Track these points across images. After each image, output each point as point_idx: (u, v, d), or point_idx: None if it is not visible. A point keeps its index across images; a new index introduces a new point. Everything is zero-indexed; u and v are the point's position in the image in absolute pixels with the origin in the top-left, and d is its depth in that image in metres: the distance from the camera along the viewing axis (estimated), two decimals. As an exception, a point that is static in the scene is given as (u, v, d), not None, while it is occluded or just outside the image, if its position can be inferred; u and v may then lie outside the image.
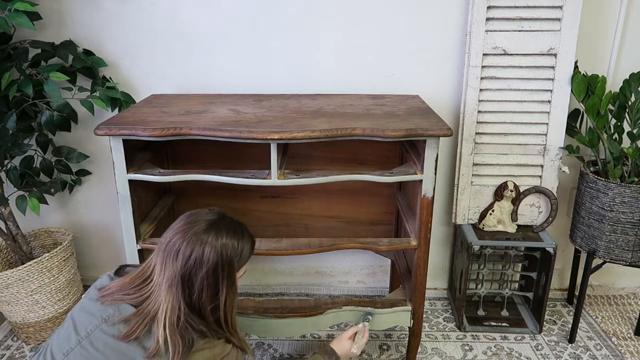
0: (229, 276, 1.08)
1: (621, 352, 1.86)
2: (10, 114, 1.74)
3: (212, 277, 1.05)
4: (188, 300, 1.04)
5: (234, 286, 1.10)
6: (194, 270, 1.04)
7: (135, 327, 1.02)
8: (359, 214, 2.00)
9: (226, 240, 1.08)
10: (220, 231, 1.08)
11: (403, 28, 1.90)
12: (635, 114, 1.72)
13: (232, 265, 1.08)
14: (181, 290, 1.03)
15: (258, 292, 2.26)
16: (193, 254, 1.04)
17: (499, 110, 1.87)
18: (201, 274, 1.04)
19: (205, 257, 1.04)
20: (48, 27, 1.91)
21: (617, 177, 1.75)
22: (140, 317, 1.03)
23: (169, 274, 1.04)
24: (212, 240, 1.06)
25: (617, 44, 1.90)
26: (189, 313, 1.04)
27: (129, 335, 1.01)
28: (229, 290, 1.08)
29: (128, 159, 1.46)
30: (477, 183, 1.95)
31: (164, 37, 1.92)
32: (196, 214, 1.13)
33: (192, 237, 1.05)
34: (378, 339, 1.94)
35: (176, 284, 1.03)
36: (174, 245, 1.06)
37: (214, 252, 1.05)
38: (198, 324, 1.05)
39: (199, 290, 1.04)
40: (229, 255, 1.07)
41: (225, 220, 1.12)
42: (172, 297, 1.03)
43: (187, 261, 1.04)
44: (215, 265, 1.05)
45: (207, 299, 1.05)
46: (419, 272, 1.58)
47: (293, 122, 1.46)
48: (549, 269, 1.86)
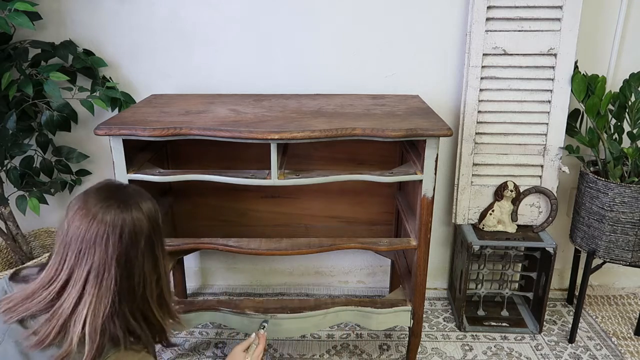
0: (161, 237, 1.00)
1: (621, 352, 1.86)
2: (10, 114, 1.74)
3: (150, 244, 0.96)
4: (129, 282, 0.93)
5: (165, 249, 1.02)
6: (130, 246, 0.92)
7: (48, 332, 0.90)
8: (359, 214, 2.00)
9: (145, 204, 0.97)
10: (133, 196, 0.97)
11: (403, 28, 1.90)
12: (635, 114, 1.72)
13: (160, 227, 0.99)
14: (114, 276, 0.91)
15: (258, 292, 2.26)
16: (126, 229, 0.92)
17: (499, 110, 1.87)
18: (140, 246, 0.94)
19: (138, 227, 0.93)
20: (48, 27, 1.91)
21: (617, 177, 1.75)
22: (53, 321, 0.91)
23: (96, 263, 0.91)
24: (134, 207, 0.94)
25: (617, 44, 1.90)
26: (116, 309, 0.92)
27: (42, 342, 0.89)
28: (164, 253, 1.00)
29: (128, 159, 1.46)
30: (477, 183, 1.95)
31: (164, 36, 1.92)
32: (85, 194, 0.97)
33: (114, 213, 0.92)
34: (378, 339, 1.94)
35: (107, 271, 0.91)
36: (94, 231, 0.91)
37: (145, 217, 0.95)
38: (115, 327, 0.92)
39: (141, 264, 0.94)
40: (155, 217, 0.98)
41: (124, 186, 1.01)
42: (98, 290, 0.91)
43: (120, 240, 0.91)
44: (149, 231, 0.95)
45: (151, 270, 0.96)
46: (419, 272, 1.58)
47: (293, 122, 1.46)
48: (549, 269, 1.86)
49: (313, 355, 1.85)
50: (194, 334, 1.96)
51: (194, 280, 2.29)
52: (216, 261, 2.27)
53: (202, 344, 1.91)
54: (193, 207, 1.98)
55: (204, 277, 2.30)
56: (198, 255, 2.26)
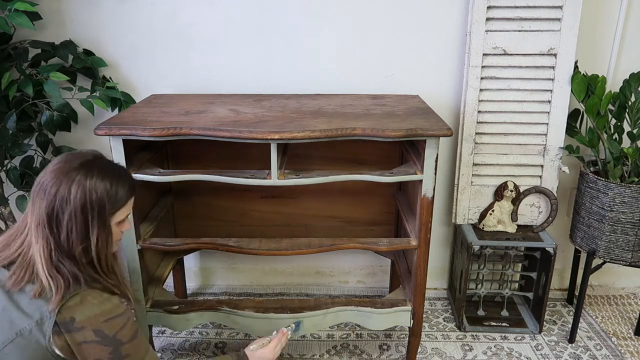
0: (100, 217, 1.05)
1: (621, 352, 1.86)
2: (10, 114, 1.74)
3: (80, 216, 1.02)
4: (57, 239, 1.03)
5: (108, 228, 1.07)
6: (59, 208, 1.01)
7: (21, 274, 1.02)
8: (359, 214, 2.00)
9: (96, 180, 1.04)
10: (91, 170, 1.05)
11: (403, 28, 1.90)
12: (635, 114, 1.72)
13: (102, 205, 1.05)
14: (48, 229, 1.02)
15: (258, 292, 2.26)
16: (59, 192, 1.01)
17: (499, 110, 1.87)
18: (67, 213, 1.01)
19: (72, 196, 1.01)
20: (48, 27, 1.91)
21: (617, 177, 1.75)
22: (23, 263, 1.03)
23: (37, 213, 1.02)
24: (80, 178, 1.03)
25: (617, 44, 1.90)
26: (59, 253, 1.03)
27: (19, 283, 1.01)
28: (100, 232, 1.05)
29: (128, 159, 1.46)
30: (477, 183, 1.95)
31: (164, 37, 1.92)
32: (71, 154, 1.09)
33: (60, 176, 1.03)
34: (378, 339, 1.94)
35: (43, 223, 1.02)
36: (42, 185, 1.03)
37: (81, 191, 1.02)
38: (70, 266, 1.03)
39: (67, 230, 1.02)
40: (98, 195, 1.04)
41: (100, 161, 1.09)
42: (41, 237, 1.02)
43: (52, 199, 1.01)
44: (83, 205, 1.02)
45: (77, 239, 1.03)
46: (419, 272, 1.58)
47: (293, 122, 1.46)
48: (549, 269, 1.86)
49: (313, 355, 1.85)
50: (194, 334, 1.96)
51: (194, 280, 2.29)
52: (216, 261, 2.27)
53: (202, 344, 1.91)
54: (193, 207, 1.98)
55: (204, 277, 2.30)
56: (198, 255, 2.26)
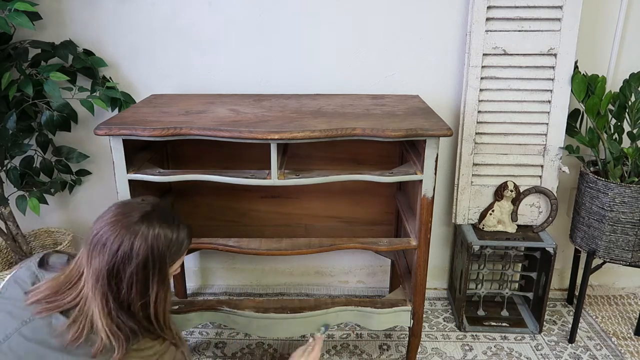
0: (161, 271, 1.02)
1: (621, 352, 1.86)
2: (10, 114, 1.74)
3: (142, 272, 0.99)
4: (116, 295, 0.99)
5: (166, 282, 1.05)
6: (121, 265, 0.97)
7: (80, 329, 0.97)
8: (359, 214, 2.00)
9: (158, 232, 1.01)
10: (152, 223, 1.01)
11: (403, 28, 1.90)
12: (635, 114, 1.72)
13: (163, 259, 1.02)
14: (107, 285, 0.98)
15: (258, 292, 2.26)
16: (121, 248, 0.97)
17: (499, 110, 1.87)
18: (130, 270, 0.98)
19: (135, 252, 0.98)
20: (48, 27, 1.91)
21: (617, 177, 1.75)
22: (81, 318, 0.98)
23: (95, 267, 0.98)
24: (143, 233, 0.99)
25: (617, 44, 1.90)
26: (118, 309, 0.99)
27: (77, 339, 0.96)
28: (160, 287, 1.03)
29: (128, 159, 1.46)
30: (477, 183, 1.95)
31: (164, 37, 1.92)
32: (127, 204, 1.05)
33: (121, 230, 0.98)
34: (378, 339, 1.94)
35: (102, 278, 0.98)
36: (101, 238, 0.99)
37: (144, 246, 0.99)
38: (128, 321, 0.99)
39: (127, 286, 0.99)
40: (160, 249, 1.01)
41: (158, 211, 1.05)
42: (100, 292, 0.98)
43: (114, 255, 0.97)
44: (145, 260, 0.99)
45: (137, 295, 1.00)
46: (419, 272, 1.58)
47: (293, 122, 1.46)
48: (549, 269, 1.86)
49: (313, 355, 1.85)
50: (194, 334, 1.96)
51: (194, 280, 2.29)
52: (216, 261, 2.27)
53: (202, 344, 1.91)
54: (193, 207, 1.98)
55: (204, 277, 2.30)
56: (198, 255, 2.26)
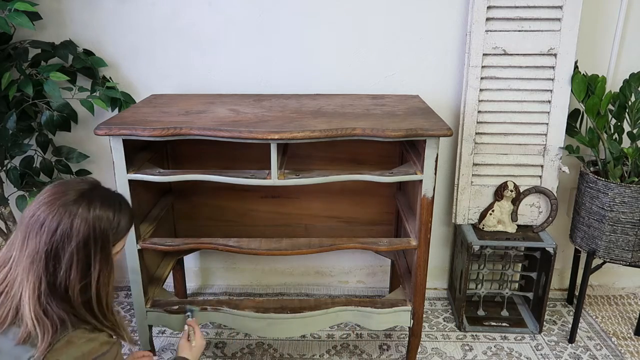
0: (103, 250, 0.99)
1: (621, 352, 1.86)
2: (10, 114, 1.74)
3: (83, 251, 0.97)
4: (51, 279, 0.96)
5: (109, 261, 1.02)
6: (61, 244, 0.95)
7: (4, 314, 0.94)
8: (359, 214, 2.00)
9: (99, 212, 0.99)
10: (92, 201, 0.99)
11: (403, 28, 1.90)
12: (635, 114, 1.72)
13: (106, 238, 1.00)
14: (44, 267, 0.95)
15: (258, 292, 2.26)
16: (60, 226, 0.95)
17: (499, 110, 1.87)
18: (70, 248, 0.95)
19: (75, 229, 0.95)
20: (48, 27, 1.91)
21: (617, 177, 1.75)
22: (6, 302, 0.95)
23: (30, 249, 0.95)
24: (83, 211, 0.97)
25: (617, 44, 1.90)
26: (49, 294, 0.95)
27: (1, 324, 0.94)
28: (103, 266, 1.00)
29: (128, 159, 1.46)
30: (477, 183, 1.95)
31: (164, 37, 1.92)
32: (65, 184, 1.02)
33: (60, 209, 0.96)
34: (378, 339, 1.94)
35: (39, 260, 0.94)
36: (37, 218, 0.95)
37: (85, 224, 0.96)
38: (57, 309, 0.96)
39: (67, 266, 0.96)
40: (102, 227, 0.99)
41: (98, 190, 1.04)
42: (33, 275, 0.95)
43: (53, 234, 0.94)
44: (86, 238, 0.96)
45: (78, 275, 0.97)
46: (419, 272, 1.58)
47: (293, 122, 1.46)
48: (549, 269, 1.86)
49: (313, 355, 1.85)
50: (194, 334, 1.96)
51: (194, 280, 2.29)
52: (216, 261, 2.27)
53: (202, 344, 1.91)
54: (193, 207, 1.98)
55: (204, 277, 2.30)
56: (198, 255, 2.26)
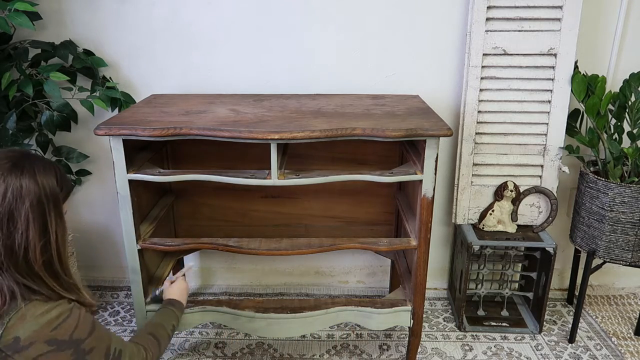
0: (56, 207, 1.02)
1: (621, 352, 1.86)
2: (10, 114, 1.74)
3: (38, 208, 0.98)
4: (7, 242, 0.97)
5: (63, 219, 1.04)
6: (14, 205, 0.96)
7: None
8: (359, 214, 2.00)
9: (44, 172, 1.01)
10: (33, 164, 1.01)
11: (403, 28, 1.90)
12: (635, 114, 1.72)
13: (56, 196, 1.02)
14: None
15: (258, 292, 2.26)
16: (9, 190, 0.96)
17: (499, 110, 1.87)
18: (25, 207, 0.97)
19: (25, 190, 0.97)
20: (48, 27, 1.91)
21: (617, 177, 1.75)
22: None
23: None
24: (28, 173, 0.99)
25: (617, 44, 1.90)
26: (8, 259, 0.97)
27: None
28: (58, 222, 1.02)
29: (128, 159, 1.46)
30: (477, 183, 1.95)
31: (164, 37, 1.92)
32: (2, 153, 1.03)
33: (3, 173, 0.97)
34: (378, 339, 1.94)
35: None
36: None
37: (34, 184, 0.98)
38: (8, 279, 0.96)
39: (24, 226, 0.97)
40: (51, 186, 1.01)
41: (33, 156, 1.05)
42: None
43: (3, 198, 0.96)
44: (38, 196, 0.98)
45: (36, 234, 0.98)
46: (419, 272, 1.58)
47: (293, 122, 1.46)
48: (549, 269, 1.86)
49: (313, 355, 1.85)
50: (194, 334, 1.96)
51: (194, 280, 2.29)
52: (216, 261, 2.27)
53: (202, 344, 1.91)
54: (193, 207, 1.98)
55: (204, 277, 2.30)
56: (198, 255, 2.26)
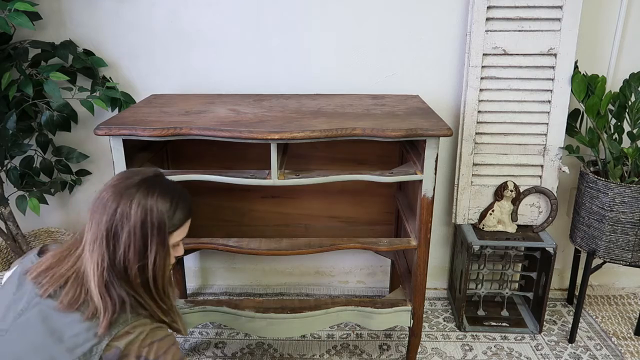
0: (159, 234, 1.04)
1: (621, 352, 1.86)
2: (10, 114, 1.74)
3: (140, 231, 1.01)
4: (112, 256, 1.00)
5: (166, 246, 1.06)
6: (120, 223, 1.00)
7: (77, 293, 0.99)
8: (359, 214, 2.00)
9: (157, 198, 1.03)
10: (153, 188, 1.04)
11: (403, 28, 1.90)
12: (635, 114, 1.72)
13: (162, 222, 1.04)
14: (105, 245, 1.00)
15: (258, 292, 2.26)
16: (120, 206, 1.00)
17: (499, 110, 1.87)
18: (128, 228, 1.00)
19: (133, 211, 1.00)
20: (48, 27, 1.91)
21: (617, 177, 1.75)
22: (77, 280, 1.00)
23: (94, 228, 1.01)
24: (142, 195, 1.02)
25: (617, 44, 1.90)
26: (112, 272, 1.00)
27: (74, 303, 0.98)
28: (159, 249, 1.04)
29: (128, 159, 1.46)
30: (477, 183, 1.95)
31: (164, 37, 1.92)
32: (132, 170, 1.09)
33: (121, 191, 1.02)
34: (378, 339, 1.94)
35: (100, 238, 1.00)
36: (102, 200, 1.02)
37: (142, 207, 1.01)
38: (119, 288, 1.00)
39: (125, 246, 1.00)
40: (159, 210, 1.03)
41: (161, 179, 1.09)
42: (97, 253, 1.00)
43: (113, 214, 1.00)
44: (143, 220, 1.01)
45: (134, 257, 1.01)
46: (419, 272, 1.58)
47: (293, 122, 1.46)
48: (549, 269, 1.86)
49: (313, 355, 1.85)
50: (194, 334, 1.96)
51: (194, 280, 2.29)
52: (216, 261, 2.27)
53: (202, 344, 1.91)
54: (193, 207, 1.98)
55: (204, 277, 2.30)
56: (198, 255, 2.26)
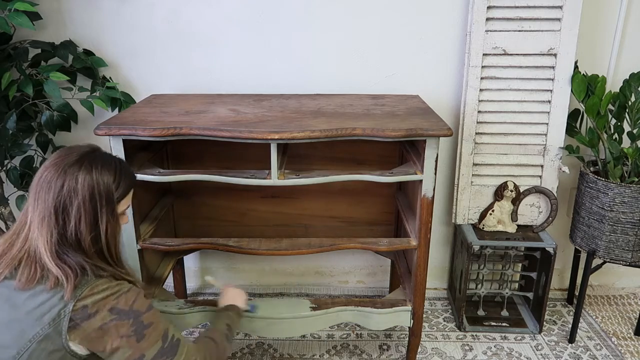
0: (108, 204, 1.06)
1: (621, 352, 1.86)
2: (10, 114, 1.74)
3: (90, 203, 1.04)
4: (62, 231, 1.03)
5: (115, 216, 1.09)
6: (68, 199, 1.02)
7: (33, 271, 1.01)
8: (359, 214, 2.00)
9: (101, 171, 1.06)
10: (95, 160, 1.07)
11: (403, 28, 1.90)
12: (635, 114, 1.72)
13: (110, 194, 1.07)
14: (54, 222, 1.02)
15: (258, 292, 2.26)
16: (66, 183, 1.02)
17: (499, 110, 1.87)
18: (77, 201, 1.02)
19: (80, 184, 1.03)
20: (48, 27, 1.91)
21: (617, 177, 1.75)
22: (29, 259, 1.02)
23: (41, 206, 1.02)
24: (86, 168, 1.04)
25: (617, 44, 1.90)
26: (64, 245, 1.03)
27: (31, 280, 1.00)
28: (109, 219, 1.07)
29: (128, 159, 1.46)
30: (477, 183, 1.95)
31: (164, 37, 1.92)
32: (68, 148, 1.10)
33: (65, 168, 1.03)
34: (378, 339, 1.94)
35: (49, 215, 1.02)
36: (45, 179, 1.03)
37: (89, 179, 1.04)
38: (75, 256, 1.03)
39: (76, 219, 1.03)
40: (105, 182, 1.06)
41: (100, 152, 1.11)
42: (45, 229, 1.02)
43: (60, 191, 1.02)
44: (91, 192, 1.04)
45: (86, 227, 1.04)
46: (419, 272, 1.58)
47: (293, 122, 1.46)
48: (549, 269, 1.86)
49: (313, 355, 1.85)
50: (194, 334, 1.96)
51: (194, 280, 2.29)
52: (216, 261, 2.27)
53: (202, 344, 1.91)
54: (193, 207, 1.98)
55: (204, 277, 2.30)
56: (198, 255, 2.26)
